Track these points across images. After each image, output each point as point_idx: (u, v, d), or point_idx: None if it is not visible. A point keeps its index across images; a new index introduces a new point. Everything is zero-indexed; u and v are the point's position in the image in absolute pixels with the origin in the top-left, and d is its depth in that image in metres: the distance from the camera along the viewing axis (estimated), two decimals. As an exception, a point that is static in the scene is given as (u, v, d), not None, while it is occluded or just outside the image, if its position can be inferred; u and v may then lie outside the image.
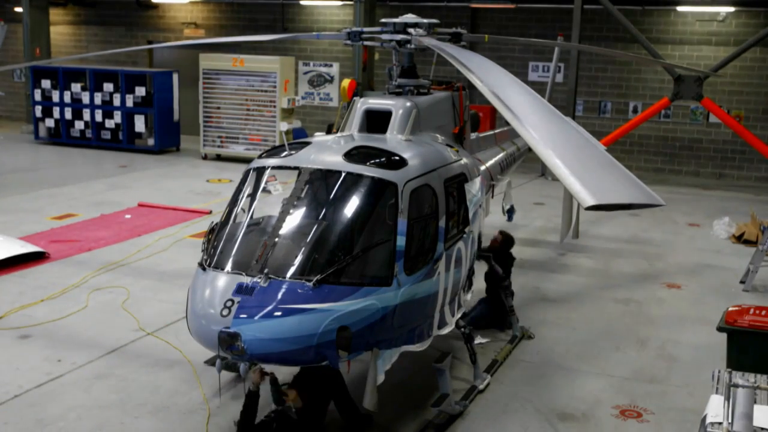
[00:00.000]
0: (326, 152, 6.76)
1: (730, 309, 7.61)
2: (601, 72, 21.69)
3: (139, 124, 21.89)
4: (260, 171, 6.79)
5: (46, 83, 22.58)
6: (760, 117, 20.67)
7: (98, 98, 22.01)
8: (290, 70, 21.07)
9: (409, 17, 8.12)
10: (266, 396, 6.66)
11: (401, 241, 6.17)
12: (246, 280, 5.79)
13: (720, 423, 5.22)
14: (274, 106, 20.29)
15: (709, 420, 5.46)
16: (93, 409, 7.30)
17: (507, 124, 9.40)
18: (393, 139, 7.35)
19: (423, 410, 7.34)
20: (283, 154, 6.81)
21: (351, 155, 6.55)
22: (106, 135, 22.13)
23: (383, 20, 8.27)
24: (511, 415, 7.45)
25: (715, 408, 5.56)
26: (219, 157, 21.07)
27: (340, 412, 6.86)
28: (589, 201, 4.59)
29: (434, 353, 7.30)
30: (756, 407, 5.52)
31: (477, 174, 8.31)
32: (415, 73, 8.33)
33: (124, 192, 16.53)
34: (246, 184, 6.81)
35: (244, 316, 5.60)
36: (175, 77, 22.10)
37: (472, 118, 9.58)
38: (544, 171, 19.42)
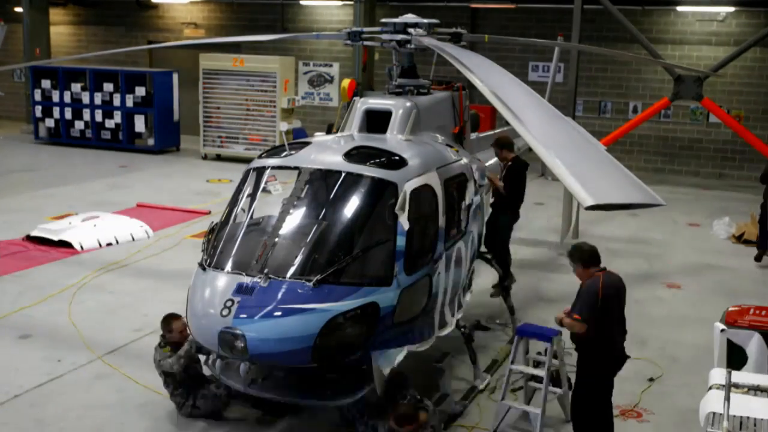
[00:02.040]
0: (326, 152, 6.76)
1: (730, 309, 7.61)
2: (601, 72, 21.68)
3: (139, 124, 21.87)
4: (260, 171, 6.80)
5: (46, 83, 22.57)
6: (760, 117, 20.66)
7: (98, 98, 21.99)
8: (290, 70, 21.06)
9: (409, 17, 8.12)
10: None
11: (401, 241, 6.17)
12: (246, 280, 5.79)
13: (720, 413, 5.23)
14: (274, 106, 20.28)
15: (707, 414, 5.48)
16: (93, 409, 7.30)
17: (507, 124, 9.40)
18: (393, 139, 7.35)
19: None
20: (283, 154, 6.82)
21: (351, 155, 6.55)
22: (106, 135, 22.11)
23: (383, 20, 8.28)
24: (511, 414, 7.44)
25: (713, 405, 5.57)
26: (219, 157, 21.06)
27: None
28: (589, 201, 4.59)
29: (434, 353, 7.30)
30: (754, 399, 5.52)
31: (477, 174, 8.31)
32: (415, 73, 8.33)
33: (124, 192, 16.53)
34: (246, 184, 6.81)
35: (244, 316, 5.60)
36: (175, 77, 22.08)
37: (472, 118, 9.58)
38: (544, 171, 19.40)
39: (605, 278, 6.28)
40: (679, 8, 20.60)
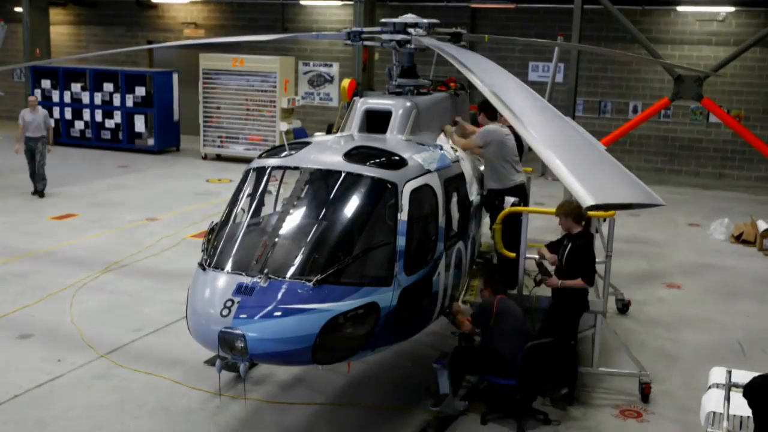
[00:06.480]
0: (326, 152, 6.76)
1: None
2: (601, 72, 21.67)
3: (139, 124, 21.88)
4: (260, 171, 6.80)
5: (46, 83, 22.57)
6: (760, 117, 20.65)
7: (98, 98, 22.00)
8: (290, 70, 21.06)
9: (409, 17, 8.12)
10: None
11: (401, 241, 6.17)
12: (246, 280, 5.79)
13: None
14: (274, 106, 20.28)
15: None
16: (93, 409, 7.30)
17: (507, 124, 9.39)
18: (393, 139, 7.36)
19: (423, 410, 7.33)
20: (283, 154, 6.82)
21: (351, 155, 6.55)
22: (106, 135, 22.11)
23: (383, 20, 8.28)
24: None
25: (713, 405, 5.58)
26: (219, 157, 21.07)
27: None
28: (589, 201, 4.58)
29: (434, 353, 7.29)
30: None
31: (477, 174, 8.32)
32: (415, 73, 8.33)
33: (124, 192, 16.53)
34: (246, 184, 6.81)
35: (244, 316, 5.60)
36: (175, 77, 22.08)
37: (472, 118, 9.59)
38: (544, 171, 19.38)
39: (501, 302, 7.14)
40: (679, 8, 20.59)
